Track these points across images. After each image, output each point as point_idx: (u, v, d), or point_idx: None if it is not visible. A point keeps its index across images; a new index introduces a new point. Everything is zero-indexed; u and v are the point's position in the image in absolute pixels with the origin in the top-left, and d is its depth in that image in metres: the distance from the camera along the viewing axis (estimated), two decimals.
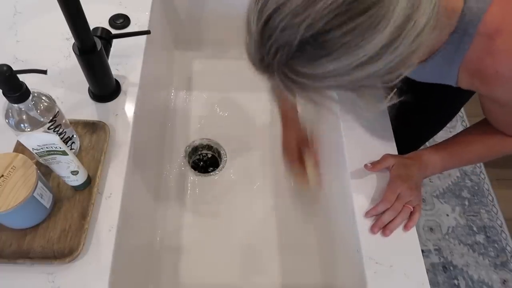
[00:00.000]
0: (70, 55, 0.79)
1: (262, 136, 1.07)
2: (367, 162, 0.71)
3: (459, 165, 0.74)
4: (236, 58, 1.19)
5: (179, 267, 0.87)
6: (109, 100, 0.74)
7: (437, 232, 1.52)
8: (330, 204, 0.86)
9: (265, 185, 0.99)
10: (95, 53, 0.64)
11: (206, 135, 1.05)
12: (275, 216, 0.95)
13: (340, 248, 0.78)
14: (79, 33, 0.61)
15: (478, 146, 0.68)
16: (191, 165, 1.02)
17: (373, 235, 0.66)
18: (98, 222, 0.62)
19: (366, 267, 0.63)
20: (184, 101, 1.11)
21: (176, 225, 0.92)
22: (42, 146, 0.53)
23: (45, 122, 0.58)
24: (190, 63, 1.17)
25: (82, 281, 0.57)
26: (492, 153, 0.69)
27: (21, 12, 0.85)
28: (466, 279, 1.42)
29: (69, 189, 0.63)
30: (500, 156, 0.68)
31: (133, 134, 0.71)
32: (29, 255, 0.57)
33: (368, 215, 0.67)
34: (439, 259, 1.46)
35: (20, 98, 0.54)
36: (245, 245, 0.91)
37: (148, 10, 0.87)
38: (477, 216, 1.56)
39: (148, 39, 0.83)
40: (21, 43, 0.80)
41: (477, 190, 1.62)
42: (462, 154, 0.70)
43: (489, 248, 1.49)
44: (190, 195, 0.97)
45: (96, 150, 0.67)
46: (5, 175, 0.54)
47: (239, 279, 0.87)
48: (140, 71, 0.78)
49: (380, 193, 0.70)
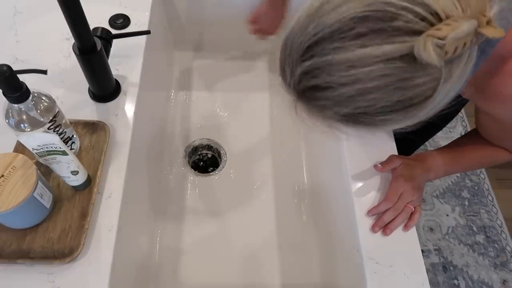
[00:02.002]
0: (70, 55, 0.79)
1: (262, 136, 1.07)
2: (375, 163, 0.71)
3: (458, 171, 0.76)
4: (236, 58, 1.20)
5: (179, 267, 0.87)
6: (109, 100, 0.74)
7: (437, 232, 1.52)
8: (330, 204, 0.86)
9: (265, 185, 0.99)
10: (95, 53, 0.64)
11: (206, 135, 1.05)
12: (275, 216, 0.95)
13: (340, 248, 0.78)
14: (79, 33, 0.61)
15: (476, 154, 0.70)
16: (191, 165, 1.02)
17: (373, 235, 0.66)
18: (98, 222, 0.62)
19: (366, 267, 0.63)
20: (184, 101, 1.11)
21: (176, 225, 0.92)
22: (42, 146, 0.53)
23: (45, 122, 0.58)
24: (190, 63, 1.17)
25: (82, 281, 0.57)
26: (486, 162, 0.71)
27: (21, 12, 0.85)
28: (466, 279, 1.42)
29: (69, 189, 0.63)
30: (491, 165, 0.71)
31: (133, 134, 0.71)
32: (29, 255, 0.57)
33: (369, 213, 0.67)
34: (439, 259, 1.46)
35: (20, 98, 0.54)
36: (245, 245, 0.91)
37: (148, 10, 0.87)
38: (477, 216, 1.56)
39: (148, 39, 0.83)
40: (21, 43, 0.80)
41: (477, 190, 1.62)
42: (462, 160, 0.71)
43: (489, 248, 1.49)
44: (190, 195, 0.97)
45: (96, 150, 0.67)
46: (5, 175, 0.54)
47: (239, 279, 0.87)
48: (140, 71, 0.78)
49: (380, 193, 0.70)
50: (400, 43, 0.36)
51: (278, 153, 1.04)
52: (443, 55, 0.35)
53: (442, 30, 0.34)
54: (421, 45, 0.35)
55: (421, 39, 0.35)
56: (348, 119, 0.42)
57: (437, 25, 0.35)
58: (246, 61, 1.19)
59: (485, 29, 0.36)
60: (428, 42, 0.34)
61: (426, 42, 0.34)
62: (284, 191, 0.99)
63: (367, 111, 0.40)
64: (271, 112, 1.10)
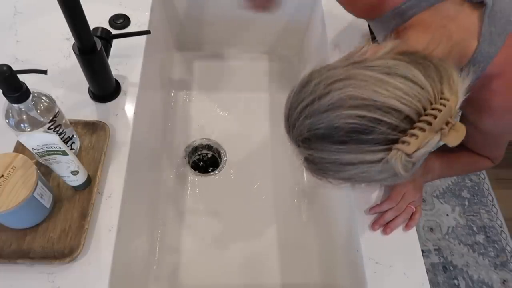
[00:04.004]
0: (70, 55, 0.79)
1: (262, 136, 1.07)
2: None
3: (449, 175, 0.82)
4: (236, 58, 1.20)
5: (179, 267, 0.87)
6: (109, 100, 0.74)
7: (437, 232, 1.51)
8: (330, 204, 0.86)
9: (265, 185, 0.99)
10: (95, 53, 0.64)
11: (206, 135, 1.05)
12: (275, 216, 0.95)
13: (340, 248, 0.78)
14: (79, 33, 0.61)
15: (466, 160, 0.73)
16: (191, 165, 1.02)
17: (373, 235, 0.66)
18: (98, 222, 0.62)
19: (366, 267, 0.63)
20: (184, 101, 1.11)
21: (176, 225, 0.92)
22: (42, 146, 0.53)
23: (45, 122, 0.58)
24: (190, 63, 1.17)
25: (82, 281, 0.57)
26: (473, 168, 0.75)
27: (21, 12, 0.85)
28: (466, 279, 1.42)
29: (69, 189, 0.63)
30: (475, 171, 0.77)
31: (133, 134, 0.71)
32: (29, 255, 0.57)
33: (371, 211, 0.68)
34: (439, 259, 1.46)
35: (20, 98, 0.54)
36: (245, 245, 0.91)
37: (148, 10, 0.87)
38: (477, 216, 1.56)
39: (148, 39, 0.83)
40: (21, 43, 0.80)
41: (477, 190, 1.62)
42: (455, 166, 0.74)
43: (489, 248, 1.49)
44: (190, 195, 0.97)
45: (96, 150, 0.67)
46: (5, 175, 0.54)
47: (239, 279, 0.87)
48: (140, 71, 0.78)
49: (380, 193, 0.70)
50: (377, 152, 0.42)
51: (278, 153, 1.04)
52: (410, 167, 0.43)
53: (410, 146, 0.40)
54: (392, 160, 0.41)
55: (393, 154, 0.41)
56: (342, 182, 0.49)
57: (407, 138, 0.41)
58: (246, 61, 1.19)
59: (447, 138, 0.41)
60: (397, 160, 0.41)
61: (396, 159, 0.41)
62: (284, 191, 0.99)
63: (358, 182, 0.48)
64: (271, 112, 1.10)
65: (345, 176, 0.47)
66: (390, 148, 0.42)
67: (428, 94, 0.41)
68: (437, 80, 0.43)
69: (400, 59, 0.44)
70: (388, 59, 0.45)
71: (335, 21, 0.90)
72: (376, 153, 0.42)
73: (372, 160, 0.43)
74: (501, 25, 0.53)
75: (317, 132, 0.44)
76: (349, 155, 0.44)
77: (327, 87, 0.44)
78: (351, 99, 0.42)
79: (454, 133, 0.41)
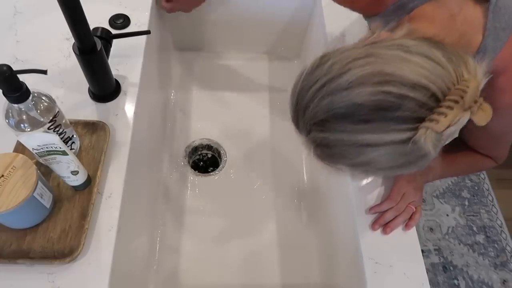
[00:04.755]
0: (70, 55, 0.79)
1: (262, 136, 1.07)
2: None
3: (450, 175, 0.80)
4: (236, 58, 1.20)
5: (179, 267, 0.87)
6: (109, 100, 0.74)
7: (437, 232, 1.51)
8: (330, 204, 0.86)
9: (265, 185, 0.99)
10: (95, 53, 0.64)
11: (206, 135, 1.05)
12: (275, 216, 0.95)
13: (340, 248, 0.78)
14: (79, 33, 0.61)
15: (467, 159, 0.72)
16: (191, 165, 1.02)
17: (373, 235, 0.66)
18: (98, 222, 0.62)
19: (366, 267, 0.63)
20: (184, 101, 1.11)
21: (176, 225, 0.92)
22: (42, 146, 0.53)
23: (45, 122, 0.58)
24: (190, 63, 1.17)
25: (82, 281, 0.57)
26: (474, 168, 0.75)
27: (21, 12, 0.85)
28: (466, 279, 1.42)
29: (69, 189, 0.63)
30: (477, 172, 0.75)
31: (133, 134, 0.71)
32: (29, 255, 0.57)
33: (371, 211, 0.68)
34: (439, 259, 1.46)
35: (20, 98, 0.54)
36: (245, 245, 0.91)
37: (148, 10, 0.87)
38: (477, 216, 1.56)
39: (148, 39, 0.83)
40: (21, 43, 0.80)
41: (477, 190, 1.62)
42: (456, 166, 0.73)
43: (489, 248, 1.49)
44: (190, 195, 0.97)
45: (96, 150, 0.67)
46: (5, 175, 0.54)
47: (239, 279, 0.87)
48: (140, 71, 0.78)
49: (380, 193, 0.70)
50: (404, 131, 0.40)
51: (278, 153, 1.04)
52: (440, 146, 0.41)
53: (440, 124, 0.39)
54: (421, 138, 0.39)
55: (422, 133, 0.39)
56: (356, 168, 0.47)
57: (435, 115, 0.39)
58: (246, 61, 1.19)
59: (476, 117, 0.40)
60: (427, 138, 0.39)
61: (426, 137, 0.39)
62: (284, 191, 0.99)
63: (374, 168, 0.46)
64: (271, 112, 1.10)
65: (364, 160, 0.44)
66: (416, 127, 0.40)
67: (450, 75, 0.40)
68: (456, 63, 0.42)
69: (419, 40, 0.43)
70: (407, 39, 0.43)
71: (335, 21, 0.91)
72: (402, 132, 0.40)
73: (397, 140, 0.41)
74: (505, 20, 0.53)
75: (336, 112, 0.42)
76: (372, 135, 0.41)
77: (345, 66, 0.42)
78: (374, 75, 0.40)
79: (482, 112, 0.40)
